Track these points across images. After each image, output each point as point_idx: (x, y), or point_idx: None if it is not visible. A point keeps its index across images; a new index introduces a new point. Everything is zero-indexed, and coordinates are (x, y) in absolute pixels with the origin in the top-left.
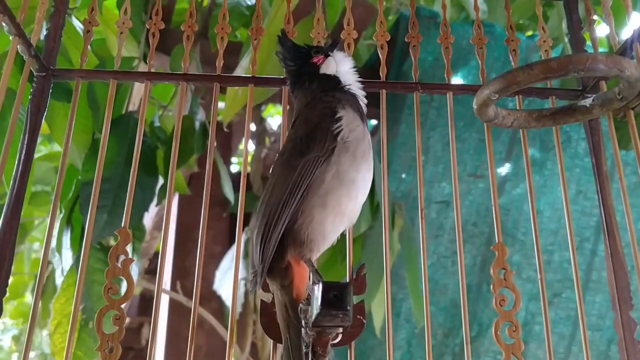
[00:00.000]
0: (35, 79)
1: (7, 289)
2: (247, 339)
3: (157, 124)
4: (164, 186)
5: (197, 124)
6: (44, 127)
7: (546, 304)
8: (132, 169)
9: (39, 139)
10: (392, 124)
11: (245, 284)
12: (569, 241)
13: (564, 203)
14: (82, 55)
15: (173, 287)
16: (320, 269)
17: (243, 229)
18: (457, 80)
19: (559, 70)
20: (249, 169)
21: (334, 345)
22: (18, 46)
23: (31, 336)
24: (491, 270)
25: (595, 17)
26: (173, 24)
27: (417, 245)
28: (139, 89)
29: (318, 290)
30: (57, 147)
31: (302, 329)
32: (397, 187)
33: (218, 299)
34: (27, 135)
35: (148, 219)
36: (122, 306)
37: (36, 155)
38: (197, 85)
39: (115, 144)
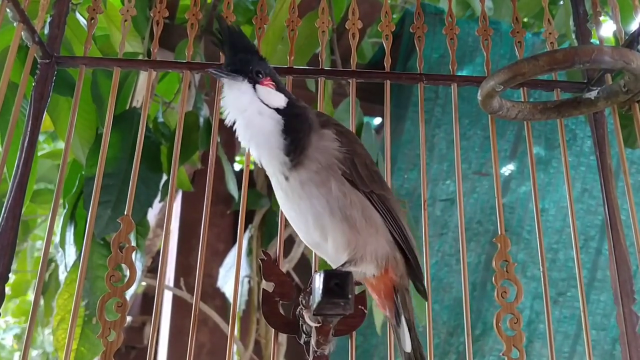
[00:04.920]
0: (38, 66)
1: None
2: (251, 336)
3: (160, 119)
4: (167, 182)
5: (202, 120)
6: (48, 124)
7: (549, 302)
8: (135, 154)
9: (43, 137)
10: (397, 121)
11: (249, 281)
12: (573, 239)
13: (568, 201)
14: (85, 42)
15: (176, 285)
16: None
17: (246, 226)
18: None
19: (565, 62)
20: (252, 166)
21: (335, 335)
22: (22, 33)
23: (32, 330)
24: (493, 263)
25: (601, 13)
26: (177, 21)
27: (421, 243)
28: (142, 85)
29: (319, 279)
30: (60, 145)
31: (303, 319)
32: (402, 185)
33: (222, 296)
34: (30, 122)
35: (151, 217)
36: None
37: (40, 153)
38: (201, 72)
39: (119, 140)
